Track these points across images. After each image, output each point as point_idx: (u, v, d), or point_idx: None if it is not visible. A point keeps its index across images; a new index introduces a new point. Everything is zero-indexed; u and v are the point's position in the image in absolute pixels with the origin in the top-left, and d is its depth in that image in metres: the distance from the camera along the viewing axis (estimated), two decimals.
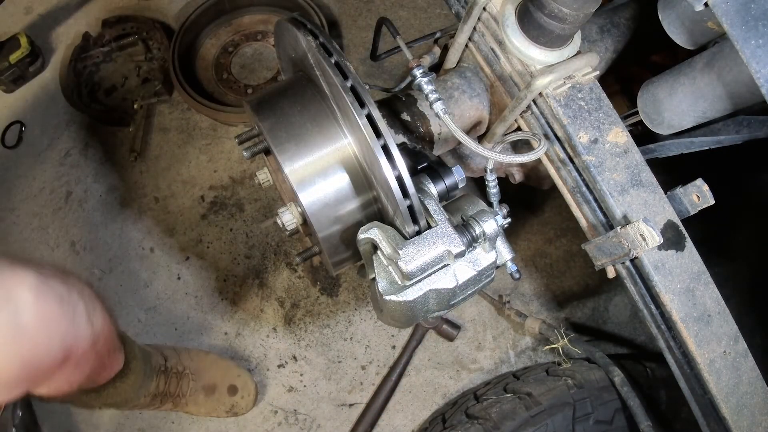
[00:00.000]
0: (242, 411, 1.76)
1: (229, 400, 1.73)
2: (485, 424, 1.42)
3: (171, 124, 2.19)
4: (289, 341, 1.88)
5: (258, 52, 2.32)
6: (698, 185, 0.96)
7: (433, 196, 0.89)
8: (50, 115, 2.22)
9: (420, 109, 1.11)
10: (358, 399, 1.82)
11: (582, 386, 1.47)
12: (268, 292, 1.94)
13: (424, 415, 1.80)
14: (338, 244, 0.93)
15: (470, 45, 1.09)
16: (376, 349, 1.87)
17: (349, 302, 1.93)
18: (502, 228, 0.95)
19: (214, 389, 1.72)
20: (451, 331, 1.83)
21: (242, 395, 1.74)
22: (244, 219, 2.03)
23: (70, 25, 2.39)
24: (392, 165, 0.79)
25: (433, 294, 0.84)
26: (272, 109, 0.92)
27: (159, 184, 2.09)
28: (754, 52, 0.76)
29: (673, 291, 0.93)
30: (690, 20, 0.97)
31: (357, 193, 0.90)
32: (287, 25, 0.91)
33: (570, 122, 0.96)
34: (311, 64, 0.88)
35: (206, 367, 1.73)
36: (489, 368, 1.85)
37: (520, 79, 1.00)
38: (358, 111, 0.79)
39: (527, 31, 0.95)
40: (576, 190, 1.01)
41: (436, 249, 0.81)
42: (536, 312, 1.92)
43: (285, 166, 0.88)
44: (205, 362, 1.74)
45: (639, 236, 0.87)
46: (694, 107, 1.00)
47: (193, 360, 1.72)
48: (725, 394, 0.96)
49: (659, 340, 1.01)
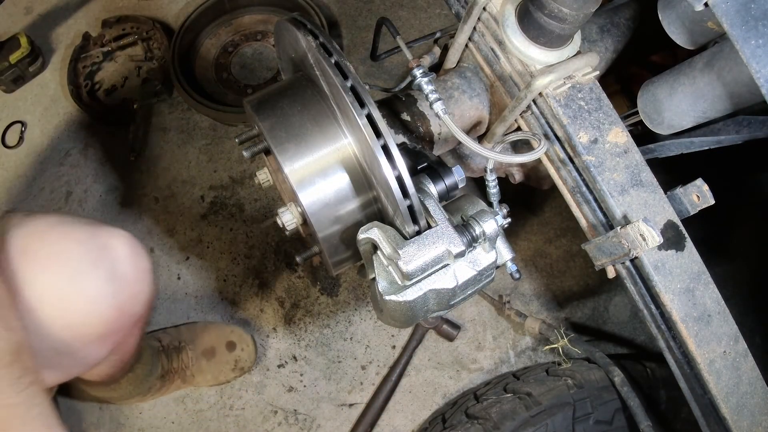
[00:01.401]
0: (247, 364, 1.78)
1: (230, 357, 1.76)
2: (485, 424, 1.42)
3: (171, 124, 2.19)
4: (289, 341, 1.88)
5: (258, 52, 2.32)
6: (698, 185, 0.96)
7: (433, 196, 0.89)
8: (50, 115, 2.22)
9: (420, 109, 1.11)
10: (358, 399, 1.82)
11: (582, 386, 1.47)
12: (268, 292, 1.94)
13: (424, 415, 1.80)
14: (338, 244, 0.94)
15: (470, 45, 1.09)
16: (376, 349, 1.87)
17: (349, 302, 1.93)
18: (502, 228, 0.95)
19: (214, 351, 1.75)
20: (451, 331, 1.83)
21: (242, 347, 1.77)
22: (244, 219, 2.03)
23: (70, 25, 2.39)
24: (392, 165, 0.79)
25: (433, 294, 0.84)
26: (272, 109, 0.92)
27: (159, 184, 2.09)
28: (754, 52, 0.76)
29: (673, 291, 0.93)
30: (690, 20, 0.97)
31: (357, 193, 0.90)
32: (287, 25, 0.91)
33: (570, 122, 0.96)
34: (311, 64, 0.88)
35: (199, 334, 1.77)
36: (489, 368, 1.85)
37: (520, 79, 1.00)
38: (358, 111, 0.79)
39: (527, 31, 0.95)
40: (576, 190, 1.01)
41: (436, 249, 0.81)
42: (536, 312, 1.92)
43: (285, 166, 0.88)
44: (196, 331, 1.78)
45: (639, 236, 0.87)
46: (694, 107, 1.00)
47: (184, 333, 1.76)
48: (725, 394, 0.96)
49: (659, 340, 1.01)
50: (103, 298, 0.90)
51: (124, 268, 0.93)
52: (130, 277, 0.94)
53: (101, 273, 0.90)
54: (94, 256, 0.91)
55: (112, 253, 0.93)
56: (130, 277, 0.94)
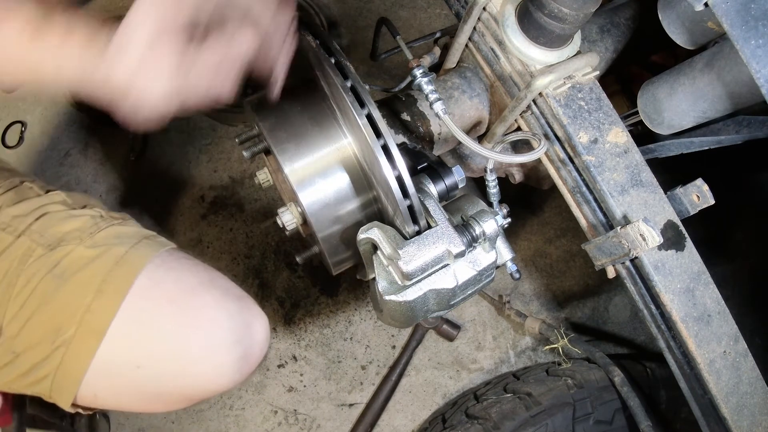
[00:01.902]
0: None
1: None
2: (485, 424, 1.42)
3: (171, 124, 2.19)
4: (289, 341, 1.88)
5: None
6: (698, 185, 0.96)
7: (433, 196, 0.89)
8: (50, 115, 2.21)
9: (420, 109, 1.11)
10: (358, 399, 1.82)
11: (582, 386, 1.47)
12: (268, 292, 1.94)
13: (424, 415, 1.80)
14: (338, 244, 0.94)
15: (470, 45, 1.09)
16: (376, 349, 1.87)
17: (349, 302, 1.93)
18: (502, 228, 0.95)
19: None
20: (451, 331, 1.83)
21: None
22: (244, 219, 2.03)
23: None
24: (392, 165, 0.79)
25: (433, 294, 0.84)
26: (272, 109, 0.92)
27: (159, 184, 2.09)
28: (754, 52, 0.76)
29: (673, 291, 0.93)
30: (690, 20, 0.97)
31: (357, 193, 0.90)
32: None
33: (570, 122, 0.96)
34: (311, 64, 0.88)
35: None
36: (489, 368, 1.85)
37: (520, 79, 1.00)
38: (358, 111, 0.79)
39: (527, 31, 0.95)
40: (576, 190, 1.01)
41: (436, 249, 0.81)
42: (536, 312, 1.92)
43: (285, 166, 0.88)
44: None
45: (639, 236, 0.87)
46: (694, 107, 1.00)
47: None
48: (725, 394, 0.96)
49: (659, 340, 1.01)
50: (230, 373, 0.90)
51: (255, 353, 0.93)
52: (254, 360, 0.93)
53: (239, 352, 0.90)
54: (240, 334, 0.90)
55: (253, 335, 0.93)
56: (254, 360, 0.93)
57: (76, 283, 0.86)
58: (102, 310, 0.85)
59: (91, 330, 0.84)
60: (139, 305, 0.87)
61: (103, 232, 0.93)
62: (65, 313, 0.85)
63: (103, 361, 0.85)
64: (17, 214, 0.92)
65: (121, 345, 0.86)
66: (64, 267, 0.87)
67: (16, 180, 1.00)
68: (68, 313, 0.84)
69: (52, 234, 0.90)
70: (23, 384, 0.88)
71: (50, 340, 0.84)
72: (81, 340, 0.84)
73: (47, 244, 0.89)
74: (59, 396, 0.87)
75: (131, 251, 0.91)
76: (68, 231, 0.91)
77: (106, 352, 0.84)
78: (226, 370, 0.89)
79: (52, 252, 0.88)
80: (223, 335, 0.89)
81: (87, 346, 0.84)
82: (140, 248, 0.92)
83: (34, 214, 0.92)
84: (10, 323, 0.85)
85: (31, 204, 0.94)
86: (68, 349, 0.84)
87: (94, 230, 0.92)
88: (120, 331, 0.85)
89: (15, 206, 0.93)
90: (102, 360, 0.85)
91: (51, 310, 0.85)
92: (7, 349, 0.86)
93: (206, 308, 0.89)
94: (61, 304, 0.85)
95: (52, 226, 0.91)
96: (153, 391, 0.90)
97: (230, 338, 0.89)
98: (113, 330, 0.84)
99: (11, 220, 0.91)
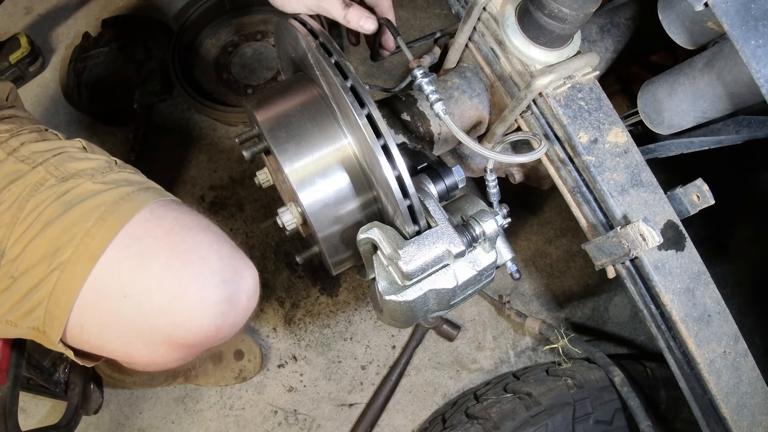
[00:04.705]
0: (250, 375, 1.79)
1: (236, 365, 1.77)
2: (485, 424, 1.42)
3: (171, 124, 2.19)
4: (289, 341, 1.88)
5: (258, 52, 2.32)
6: (698, 185, 0.96)
7: (433, 196, 0.89)
8: (50, 115, 2.22)
9: (420, 109, 1.11)
10: (358, 399, 1.82)
11: (582, 386, 1.47)
12: (268, 292, 1.94)
13: (424, 415, 1.80)
14: (338, 244, 0.94)
15: (470, 45, 1.09)
16: (376, 349, 1.87)
17: (349, 302, 1.93)
18: (502, 228, 0.95)
19: (221, 357, 1.77)
20: (451, 331, 1.83)
21: (249, 358, 1.79)
22: (244, 219, 2.03)
23: (70, 25, 2.39)
24: (392, 165, 0.79)
25: (433, 294, 0.84)
26: (272, 109, 0.92)
27: (159, 184, 2.09)
28: (754, 52, 0.76)
29: (673, 291, 0.93)
30: (690, 20, 0.97)
31: (357, 193, 0.90)
32: (287, 25, 0.91)
33: (570, 122, 0.96)
34: (311, 64, 0.88)
35: None
36: (489, 368, 1.85)
37: (520, 79, 1.00)
38: (358, 111, 0.79)
39: (527, 31, 0.95)
40: (576, 190, 1.01)
41: (436, 249, 0.81)
42: (536, 312, 1.92)
43: (285, 166, 0.88)
44: None
45: (639, 236, 0.87)
46: (694, 107, 1.00)
47: None
48: (725, 394, 0.96)
49: (659, 340, 1.01)
50: (213, 314, 0.90)
51: (241, 300, 0.93)
52: (240, 310, 0.93)
53: (225, 294, 0.90)
54: (227, 276, 0.91)
55: (241, 282, 0.93)
56: (241, 310, 0.94)
57: (80, 209, 0.88)
58: (100, 236, 0.86)
59: (87, 254, 0.85)
60: (136, 234, 0.88)
61: (115, 174, 0.97)
62: (65, 236, 0.86)
63: (93, 286, 0.86)
64: (37, 150, 0.96)
65: (112, 271, 0.86)
66: (73, 195, 0.90)
67: (42, 127, 1.06)
68: (68, 237, 0.86)
69: (67, 168, 0.94)
70: (18, 314, 0.88)
71: (47, 262, 0.86)
72: (75, 262, 0.85)
73: (61, 176, 0.92)
74: (51, 328, 0.88)
75: (139, 191, 0.94)
76: (83, 168, 0.95)
77: (97, 278, 0.85)
78: (209, 309, 0.89)
79: (64, 183, 0.91)
80: (211, 273, 0.89)
81: (80, 269, 0.85)
82: (148, 192, 0.96)
83: (53, 152, 0.96)
84: (13, 245, 0.87)
85: (52, 144, 0.99)
86: (63, 272, 0.85)
87: (107, 171, 0.96)
88: (114, 257, 0.86)
89: (36, 143, 0.98)
90: (92, 286, 0.85)
91: (52, 233, 0.87)
92: (6, 272, 0.87)
93: (199, 247, 0.90)
94: (63, 227, 0.87)
95: (68, 162, 0.95)
96: (137, 325, 0.90)
97: (217, 277, 0.90)
98: (107, 255, 0.86)
99: (31, 154, 0.95)
